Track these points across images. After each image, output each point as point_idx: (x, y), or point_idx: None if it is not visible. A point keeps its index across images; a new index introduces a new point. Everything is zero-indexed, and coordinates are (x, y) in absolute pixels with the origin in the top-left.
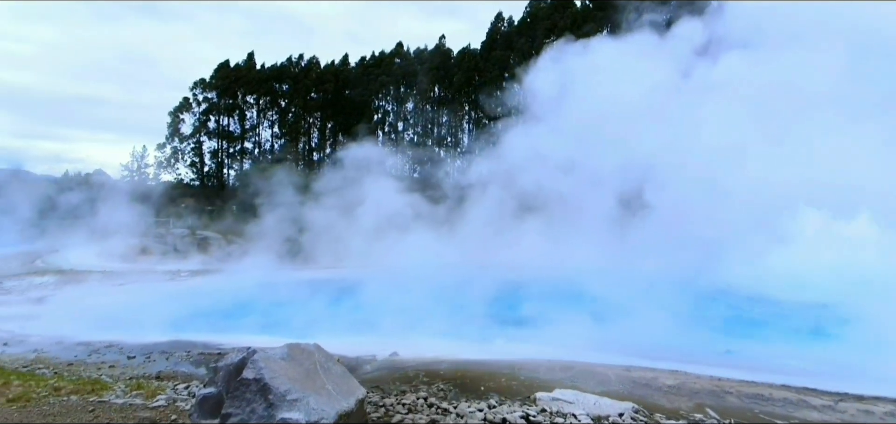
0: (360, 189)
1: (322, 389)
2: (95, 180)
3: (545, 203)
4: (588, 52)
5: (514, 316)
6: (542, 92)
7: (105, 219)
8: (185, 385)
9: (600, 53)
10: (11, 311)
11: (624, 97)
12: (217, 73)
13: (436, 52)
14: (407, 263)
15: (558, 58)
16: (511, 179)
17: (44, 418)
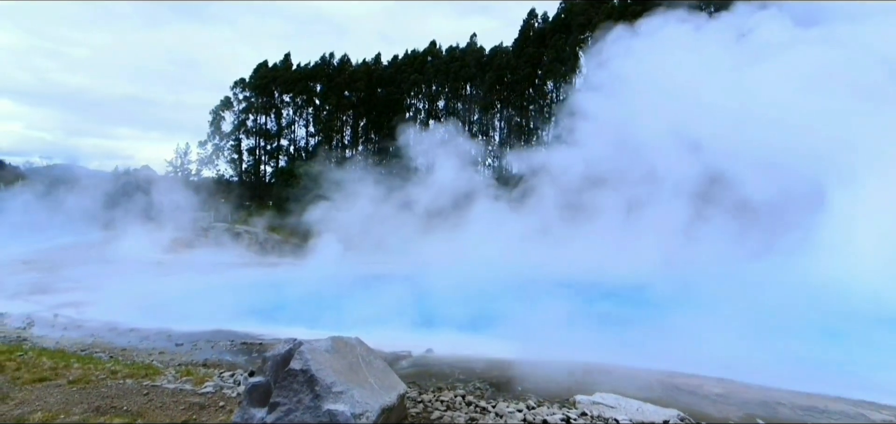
0: (404, 183)
1: (365, 383)
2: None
3: (611, 199)
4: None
5: (547, 316)
6: (607, 78)
7: (151, 213)
8: (230, 373)
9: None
10: (69, 298)
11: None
12: (256, 73)
13: (467, 50)
14: (447, 259)
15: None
16: (572, 172)
17: (102, 399)
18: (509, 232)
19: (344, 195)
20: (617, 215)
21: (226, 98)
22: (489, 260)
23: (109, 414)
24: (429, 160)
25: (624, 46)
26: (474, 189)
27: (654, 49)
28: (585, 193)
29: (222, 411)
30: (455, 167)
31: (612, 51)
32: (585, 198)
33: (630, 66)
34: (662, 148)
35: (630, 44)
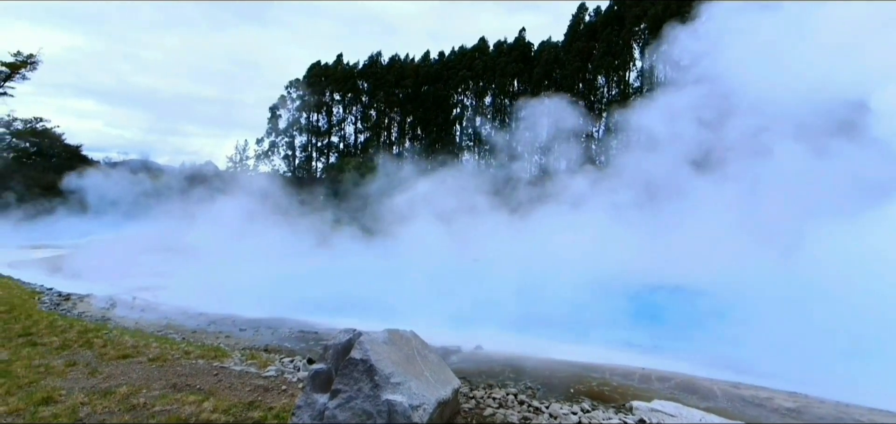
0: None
1: (421, 375)
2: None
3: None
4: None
5: (607, 319)
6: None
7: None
8: (290, 359)
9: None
10: (145, 283)
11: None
12: (309, 73)
13: (515, 45)
14: (501, 255)
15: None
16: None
17: (178, 377)
18: (595, 226)
19: (410, 187)
20: (711, 207)
21: (281, 97)
22: (560, 255)
23: (184, 392)
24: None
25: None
26: (558, 181)
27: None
28: (674, 182)
29: (284, 394)
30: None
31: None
32: (674, 187)
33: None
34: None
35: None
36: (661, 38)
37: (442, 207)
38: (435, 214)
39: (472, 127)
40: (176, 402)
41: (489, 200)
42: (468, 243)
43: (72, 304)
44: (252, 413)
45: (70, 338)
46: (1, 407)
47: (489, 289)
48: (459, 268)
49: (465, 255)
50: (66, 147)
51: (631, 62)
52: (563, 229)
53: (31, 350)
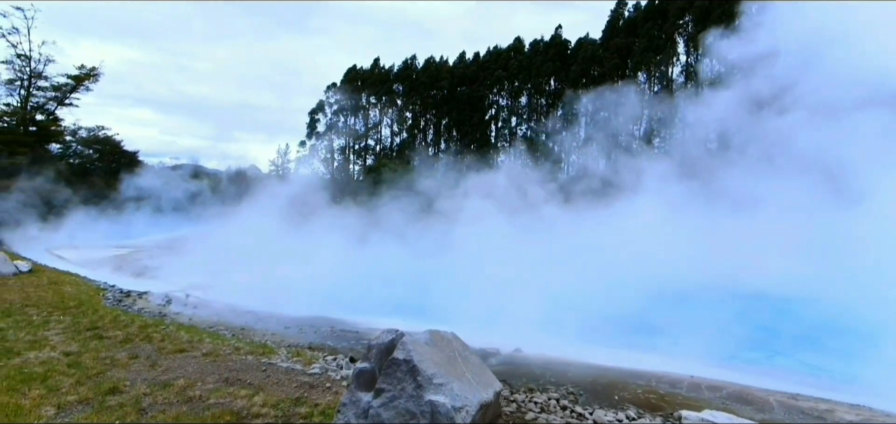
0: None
1: (463, 377)
2: (250, 174)
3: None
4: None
5: (654, 323)
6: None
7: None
8: (332, 357)
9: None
10: (195, 281)
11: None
12: (346, 77)
13: (551, 43)
14: (547, 256)
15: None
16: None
17: (230, 372)
18: (653, 226)
19: (437, 190)
20: (799, 208)
21: (320, 101)
22: (613, 255)
23: (236, 386)
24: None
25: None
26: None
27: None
28: (762, 181)
29: (329, 391)
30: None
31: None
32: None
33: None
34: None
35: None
36: (716, 30)
37: (485, 207)
38: (479, 213)
39: (508, 127)
40: (229, 396)
41: (538, 199)
42: (516, 244)
43: (132, 300)
44: (299, 409)
45: (132, 333)
46: (72, 396)
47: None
48: (504, 269)
49: (513, 256)
50: (124, 153)
51: (674, 57)
52: (618, 229)
53: (97, 342)
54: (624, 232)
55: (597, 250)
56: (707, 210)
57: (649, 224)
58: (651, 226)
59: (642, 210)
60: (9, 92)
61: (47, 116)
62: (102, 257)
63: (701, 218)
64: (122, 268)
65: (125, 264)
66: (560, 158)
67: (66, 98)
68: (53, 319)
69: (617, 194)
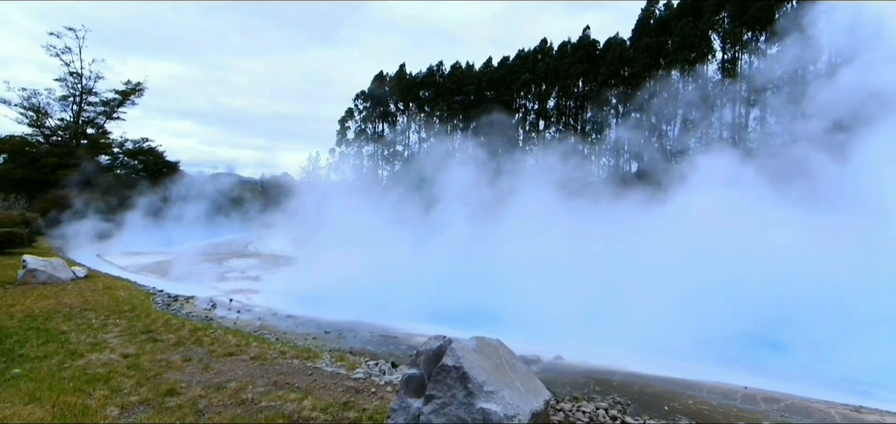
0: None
1: (512, 384)
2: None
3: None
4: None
5: (708, 330)
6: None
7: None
8: (374, 362)
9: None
10: (237, 286)
11: None
12: (373, 85)
13: (579, 45)
14: (589, 256)
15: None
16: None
17: (278, 375)
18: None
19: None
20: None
21: (349, 110)
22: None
23: (285, 389)
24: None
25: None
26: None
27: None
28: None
29: (375, 396)
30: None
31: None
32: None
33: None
34: None
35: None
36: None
37: (522, 207)
38: (519, 213)
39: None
40: (279, 399)
41: (580, 197)
42: (561, 243)
43: (180, 305)
44: (348, 414)
45: (183, 336)
46: (133, 397)
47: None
48: (547, 271)
49: (556, 257)
50: (166, 163)
51: (709, 54)
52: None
53: (152, 345)
54: (698, 234)
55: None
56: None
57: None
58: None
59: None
60: (63, 107)
61: (97, 130)
62: (149, 263)
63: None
64: (167, 273)
65: (170, 269)
66: (620, 153)
67: (114, 112)
68: (110, 322)
69: (684, 191)
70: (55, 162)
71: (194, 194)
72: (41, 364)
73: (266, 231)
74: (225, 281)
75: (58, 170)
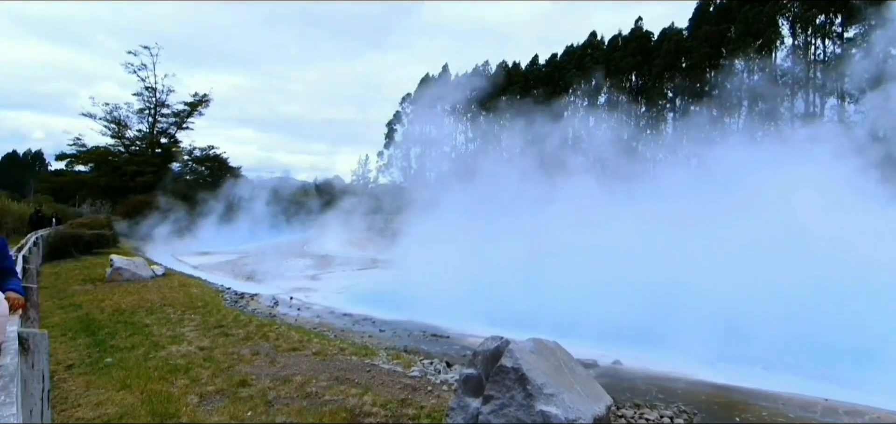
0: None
1: (572, 388)
2: (334, 184)
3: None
4: None
5: (781, 338)
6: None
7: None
8: (429, 361)
9: None
10: (296, 285)
11: None
12: (419, 87)
13: (631, 37)
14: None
15: None
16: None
17: (339, 371)
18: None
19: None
20: None
21: (396, 112)
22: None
23: (346, 385)
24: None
25: None
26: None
27: None
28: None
29: (431, 395)
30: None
31: None
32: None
33: None
34: None
35: None
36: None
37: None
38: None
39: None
40: (341, 393)
41: (636, 193)
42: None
43: (246, 302)
44: (406, 411)
45: (251, 331)
46: (210, 387)
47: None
48: (605, 272)
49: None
50: (230, 169)
51: (778, 41)
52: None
53: (224, 339)
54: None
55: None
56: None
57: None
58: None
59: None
60: (140, 119)
61: (169, 139)
62: (217, 262)
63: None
64: (233, 272)
65: (236, 268)
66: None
67: (184, 123)
68: (186, 317)
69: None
70: (134, 169)
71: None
72: (129, 354)
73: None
74: (285, 280)
75: (136, 177)
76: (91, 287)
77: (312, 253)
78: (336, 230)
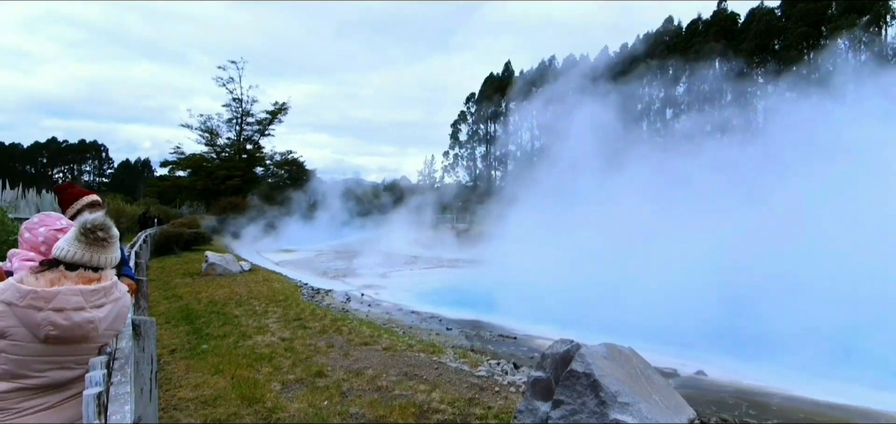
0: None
1: (650, 398)
2: (401, 184)
3: None
4: None
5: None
6: None
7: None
8: (496, 362)
9: None
10: (366, 282)
11: None
12: (484, 86)
13: (713, 20)
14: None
15: None
16: None
17: (408, 367)
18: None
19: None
20: None
21: (461, 112)
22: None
23: (415, 380)
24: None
25: None
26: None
27: None
28: None
29: (498, 396)
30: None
31: None
32: None
33: None
34: None
35: None
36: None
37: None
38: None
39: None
40: (410, 389)
41: (721, 189)
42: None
43: (321, 297)
44: (473, 410)
45: (326, 325)
46: (291, 375)
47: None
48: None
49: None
50: (306, 172)
51: (888, 14)
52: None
53: (302, 331)
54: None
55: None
56: None
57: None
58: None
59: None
60: (229, 128)
61: (253, 146)
62: (295, 259)
63: None
64: (310, 268)
65: (311, 264)
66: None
67: (266, 130)
68: (270, 310)
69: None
70: (224, 174)
71: (330, 199)
72: (221, 342)
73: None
74: (356, 277)
75: (226, 181)
76: (190, 280)
77: (382, 251)
78: (404, 229)
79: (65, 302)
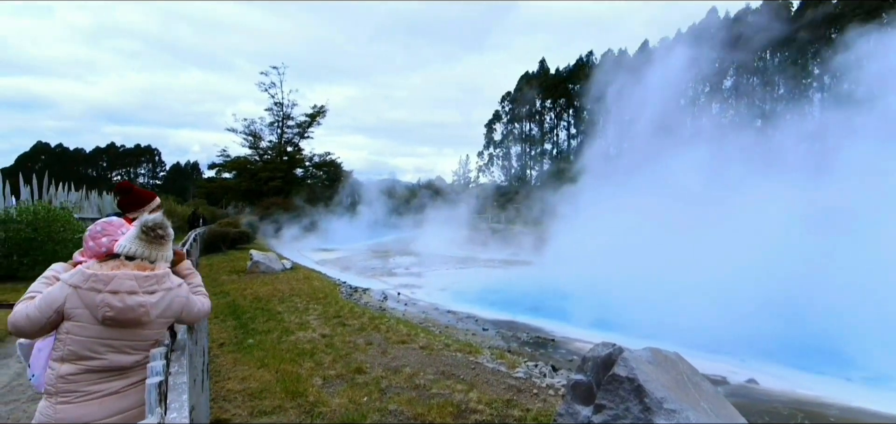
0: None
1: (697, 405)
2: (436, 184)
3: None
4: None
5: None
6: None
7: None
8: (534, 364)
9: None
10: (403, 281)
11: None
12: (518, 85)
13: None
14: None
15: None
16: None
17: (444, 366)
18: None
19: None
20: None
21: (496, 112)
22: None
23: (452, 380)
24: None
25: None
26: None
27: None
28: None
29: (536, 398)
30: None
31: None
32: None
33: None
34: None
35: None
36: None
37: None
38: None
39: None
40: (447, 388)
41: (772, 189)
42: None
43: (359, 295)
44: (511, 411)
45: (364, 323)
46: (332, 371)
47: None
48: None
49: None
50: (344, 173)
51: None
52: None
53: (342, 329)
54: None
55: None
56: None
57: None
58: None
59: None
60: (270, 131)
61: (294, 148)
62: (334, 258)
63: None
64: (348, 267)
65: (350, 264)
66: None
67: (305, 132)
68: (311, 307)
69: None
70: (267, 175)
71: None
72: (266, 337)
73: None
74: (393, 276)
75: (269, 182)
76: (236, 277)
77: (417, 251)
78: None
79: (120, 285)
